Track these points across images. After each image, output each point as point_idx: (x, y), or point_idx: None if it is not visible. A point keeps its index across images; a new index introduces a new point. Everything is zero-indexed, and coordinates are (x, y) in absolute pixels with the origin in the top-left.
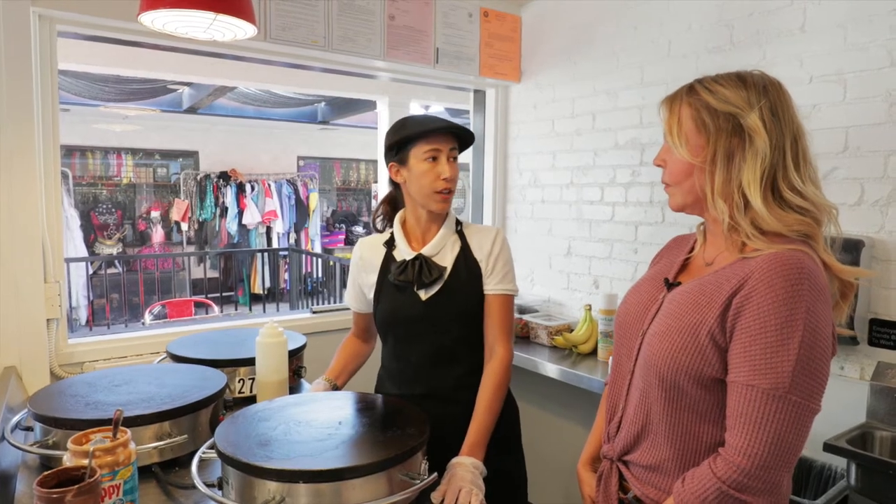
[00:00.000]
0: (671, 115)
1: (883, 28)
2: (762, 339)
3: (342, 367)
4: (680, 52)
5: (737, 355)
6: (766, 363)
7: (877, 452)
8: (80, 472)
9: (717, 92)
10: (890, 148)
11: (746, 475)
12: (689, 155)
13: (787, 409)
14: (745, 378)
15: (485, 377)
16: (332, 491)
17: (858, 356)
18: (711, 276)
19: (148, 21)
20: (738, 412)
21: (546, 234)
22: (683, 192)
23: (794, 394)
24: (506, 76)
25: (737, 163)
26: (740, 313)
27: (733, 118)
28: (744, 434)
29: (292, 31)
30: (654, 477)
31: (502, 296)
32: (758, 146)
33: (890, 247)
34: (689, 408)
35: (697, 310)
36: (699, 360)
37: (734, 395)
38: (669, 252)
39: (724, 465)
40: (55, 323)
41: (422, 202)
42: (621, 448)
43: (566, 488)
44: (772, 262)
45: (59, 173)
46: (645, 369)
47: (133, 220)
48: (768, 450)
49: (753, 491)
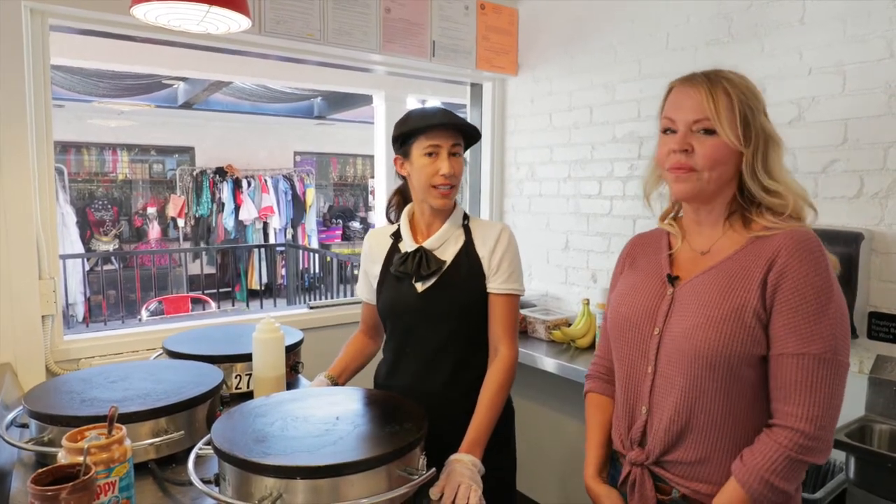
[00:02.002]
0: (714, 99)
1: (882, 20)
2: (803, 309)
3: (345, 365)
4: (678, 45)
5: (780, 328)
6: (811, 331)
7: (875, 445)
8: (75, 470)
9: (748, 85)
10: (889, 140)
11: (811, 438)
12: (738, 142)
13: (835, 370)
14: (793, 348)
15: (488, 376)
16: (330, 487)
17: (857, 349)
18: (730, 261)
19: (140, 14)
20: (791, 381)
21: (544, 229)
22: (711, 178)
23: (839, 354)
24: (503, 69)
25: (772, 154)
26: (778, 289)
27: (760, 113)
28: (800, 401)
29: (287, 24)
30: (703, 471)
31: (507, 295)
32: (777, 140)
33: (889, 239)
34: (744, 391)
35: (734, 294)
36: (750, 342)
37: (784, 366)
38: (642, 252)
39: (788, 434)
40: (50, 319)
41: (422, 196)
42: (660, 451)
43: (563, 482)
44: (795, 240)
45: (53, 169)
46: (684, 364)
47: (129, 216)
48: (825, 411)
49: (816, 451)
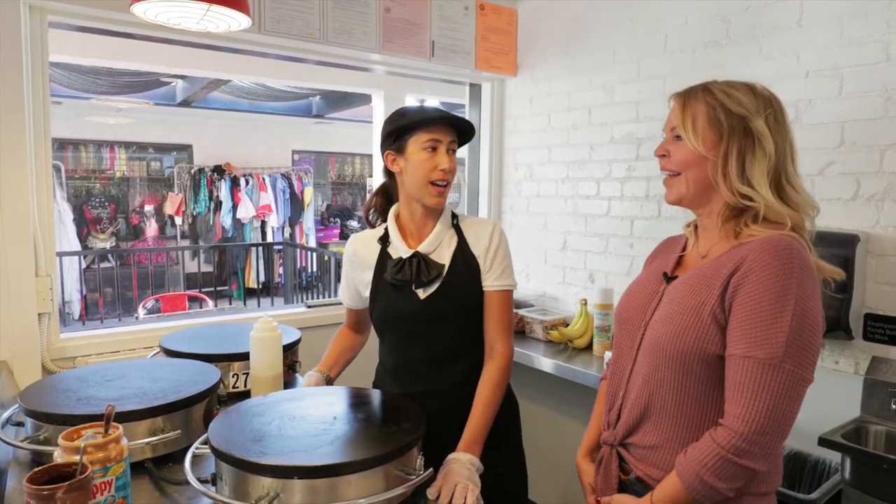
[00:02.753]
0: (685, 109)
1: (879, 23)
2: (757, 313)
3: (335, 358)
4: (677, 47)
5: (734, 329)
6: (761, 335)
7: (871, 446)
8: (71, 469)
9: (731, 94)
10: (885, 143)
11: (745, 440)
12: (703, 148)
13: (781, 377)
14: (742, 350)
15: (484, 374)
16: (327, 487)
17: (853, 351)
18: (709, 263)
19: (140, 11)
20: (737, 382)
21: (542, 229)
22: (687, 181)
23: (787, 363)
24: (502, 70)
25: (748, 160)
26: (737, 291)
27: (744, 120)
28: (742, 402)
29: (287, 22)
30: (656, 456)
31: (502, 291)
32: (767, 148)
33: (885, 242)
34: (695, 386)
35: (698, 292)
36: (703, 338)
37: (732, 366)
38: (662, 252)
39: (724, 432)
40: (47, 317)
41: (416, 195)
42: (623, 432)
43: (562, 483)
44: (765, 245)
45: (51, 167)
46: (650, 354)
47: (126, 213)
48: (765, 416)
49: (751, 455)
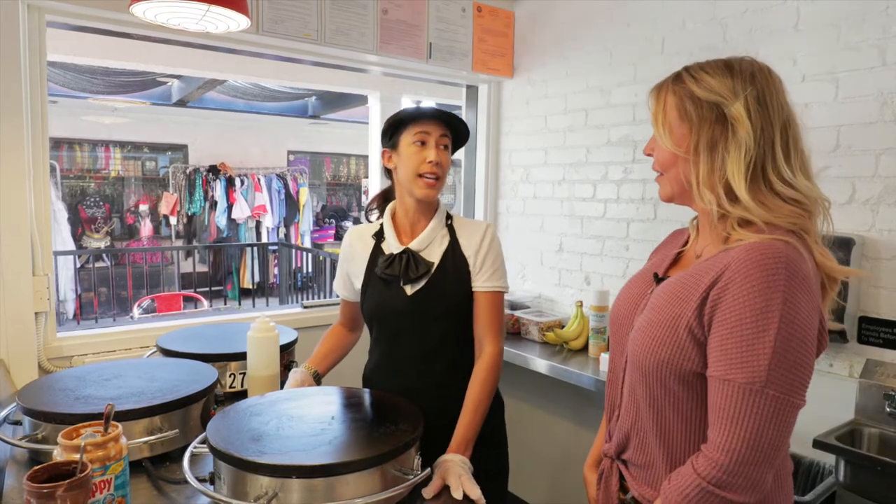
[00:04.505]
0: (657, 103)
1: (875, 28)
2: (738, 331)
3: (324, 355)
4: (673, 50)
5: (714, 349)
6: (741, 356)
7: (865, 449)
8: (71, 467)
9: (701, 80)
10: (881, 147)
11: (726, 471)
12: (673, 145)
13: (764, 403)
14: (721, 372)
15: (474, 375)
16: (326, 486)
17: (847, 353)
18: (693, 268)
19: (140, 12)
20: (717, 407)
21: (538, 231)
22: (670, 181)
23: (771, 388)
24: (498, 72)
25: (720, 153)
26: (717, 305)
27: (717, 107)
28: (722, 430)
29: (285, 23)
30: (649, 475)
31: (492, 293)
32: (741, 136)
33: (880, 245)
34: (673, 405)
35: (677, 302)
36: (678, 355)
37: (713, 389)
38: (665, 247)
39: (705, 462)
40: (44, 316)
41: (408, 187)
42: (616, 447)
43: (555, 484)
44: (748, 252)
45: (48, 166)
46: (631, 365)
47: (121, 213)
48: (747, 445)
49: (734, 488)
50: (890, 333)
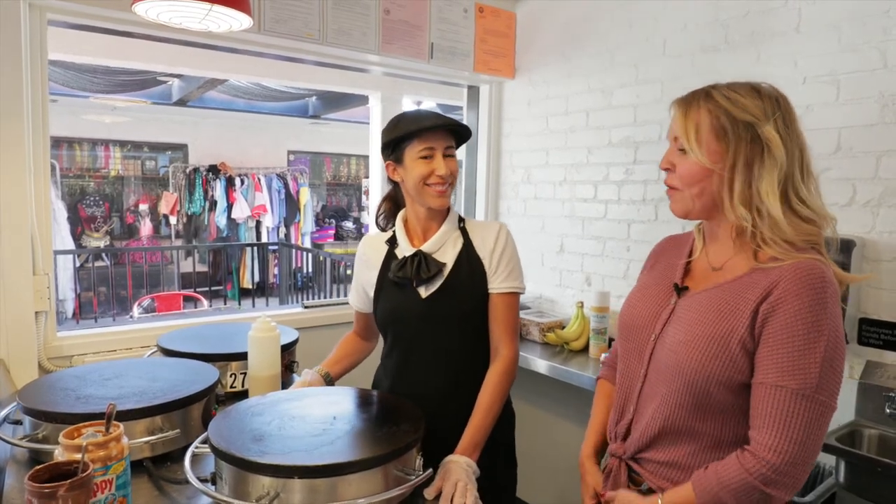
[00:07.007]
0: (687, 119)
1: (876, 29)
2: (790, 343)
3: (337, 360)
4: (675, 52)
5: (764, 358)
6: (793, 365)
7: (865, 450)
8: (72, 467)
9: (735, 100)
10: (882, 149)
11: (775, 471)
12: (709, 160)
13: (813, 407)
14: (773, 379)
15: (487, 378)
16: (328, 486)
17: (848, 355)
18: (731, 284)
19: (142, 11)
20: (767, 411)
21: (539, 231)
22: (693, 196)
23: (820, 393)
24: (500, 72)
25: (756, 171)
26: (768, 320)
27: (752, 127)
28: (773, 432)
29: (287, 23)
30: (671, 472)
31: (508, 294)
32: (776, 156)
33: (880, 247)
34: (716, 410)
35: (724, 319)
36: (730, 368)
37: (762, 395)
38: (666, 254)
39: (754, 460)
40: (44, 316)
41: (419, 199)
42: (635, 448)
43: (556, 485)
44: (798, 272)
45: (49, 165)
46: (669, 377)
47: (121, 212)
48: (798, 447)
49: (780, 486)
50: (890, 335)
